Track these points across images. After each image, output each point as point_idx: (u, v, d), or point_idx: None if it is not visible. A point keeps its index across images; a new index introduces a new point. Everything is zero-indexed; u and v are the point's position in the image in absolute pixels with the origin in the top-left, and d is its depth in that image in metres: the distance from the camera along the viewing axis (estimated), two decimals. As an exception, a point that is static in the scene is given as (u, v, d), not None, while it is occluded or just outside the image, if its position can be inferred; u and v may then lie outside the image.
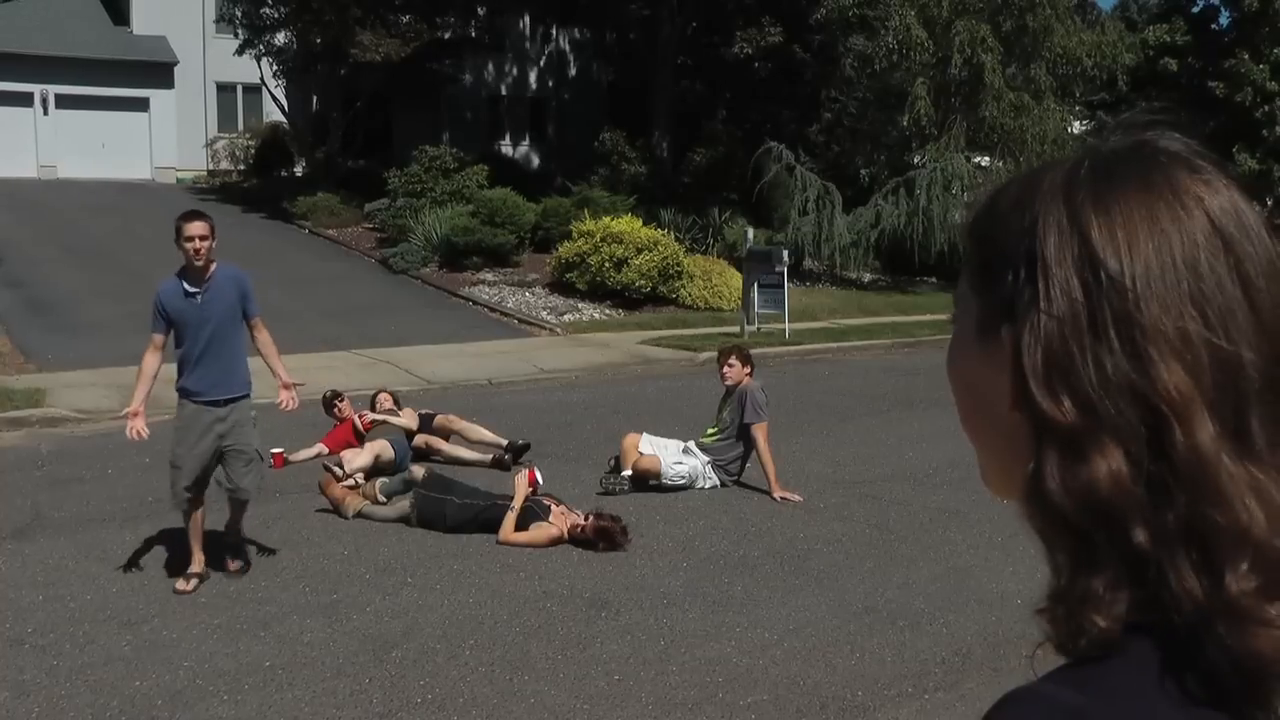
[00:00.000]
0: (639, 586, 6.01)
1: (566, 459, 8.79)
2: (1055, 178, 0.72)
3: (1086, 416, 0.66)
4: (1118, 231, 0.68)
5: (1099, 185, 0.70)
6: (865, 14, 23.44)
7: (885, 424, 10.34)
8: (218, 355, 5.93)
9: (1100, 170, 0.71)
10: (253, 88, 29.51)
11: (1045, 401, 0.68)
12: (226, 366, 5.96)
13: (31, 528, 6.93)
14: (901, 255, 21.63)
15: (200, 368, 5.92)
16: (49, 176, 28.23)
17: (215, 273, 5.93)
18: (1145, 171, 0.71)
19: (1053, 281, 0.68)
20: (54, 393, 11.04)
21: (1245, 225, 0.69)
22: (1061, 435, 0.67)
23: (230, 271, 6.07)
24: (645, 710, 4.54)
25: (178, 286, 5.91)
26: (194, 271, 5.89)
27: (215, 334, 5.91)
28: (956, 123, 22.62)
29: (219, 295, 5.92)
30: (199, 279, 5.89)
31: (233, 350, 6.01)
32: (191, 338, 5.89)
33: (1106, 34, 24.51)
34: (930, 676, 4.86)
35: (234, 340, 6.02)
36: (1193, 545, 0.65)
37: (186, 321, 5.87)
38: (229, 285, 5.98)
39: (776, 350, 15.40)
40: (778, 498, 7.67)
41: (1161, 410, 0.65)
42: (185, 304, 5.88)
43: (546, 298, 18.33)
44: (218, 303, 5.92)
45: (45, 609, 5.58)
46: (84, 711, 4.47)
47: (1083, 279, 0.68)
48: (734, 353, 8.23)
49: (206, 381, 5.92)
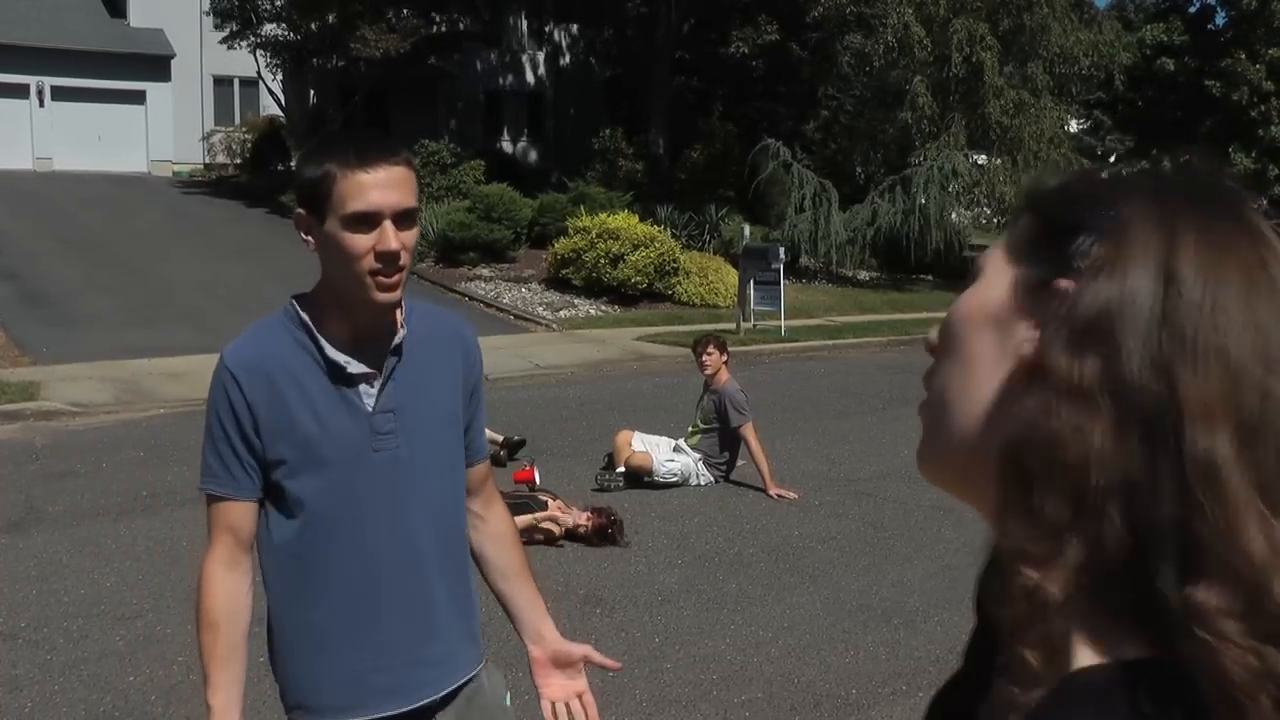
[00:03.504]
0: (634, 583, 6.02)
1: (562, 455, 8.79)
2: (1143, 180, 0.72)
3: (1106, 388, 0.66)
4: (1209, 253, 0.68)
5: (1195, 202, 0.70)
6: (862, 12, 23.45)
7: (880, 422, 10.34)
8: (408, 570, 2.07)
9: (1194, 190, 0.71)
10: (249, 81, 29.50)
11: (1069, 361, 0.67)
12: (425, 603, 2.09)
13: (25, 522, 6.92)
14: (898, 253, 21.65)
15: (345, 616, 2.04)
16: (44, 169, 28.18)
17: (410, 322, 2.07)
18: (1235, 206, 0.70)
19: (1136, 266, 0.68)
20: (49, 386, 11.02)
21: None
22: (1073, 396, 0.66)
23: (435, 319, 2.18)
24: (639, 707, 4.55)
25: (298, 355, 2.02)
26: (361, 309, 1.98)
27: (404, 498, 2.05)
28: (956, 121, 22.64)
29: (420, 382, 2.07)
30: (376, 331, 2.02)
31: (441, 549, 2.12)
32: (329, 512, 2.01)
33: (1104, 33, 24.55)
34: (924, 674, 4.86)
35: (444, 516, 2.13)
36: (1178, 546, 0.64)
37: (324, 459, 1.99)
38: (437, 356, 2.12)
39: (772, 347, 15.42)
40: (773, 495, 7.68)
41: (1183, 411, 0.65)
42: (328, 407, 2.00)
43: (543, 294, 18.33)
44: (416, 405, 2.06)
45: (39, 603, 5.57)
46: (77, 707, 4.47)
47: (1167, 277, 0.67)
48: (711, 341, 8.25)
49: (368, 660, 2.05)
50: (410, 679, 2.06)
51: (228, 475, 1.99)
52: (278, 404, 1.96)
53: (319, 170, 1.90)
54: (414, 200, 1.94)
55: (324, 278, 2.00)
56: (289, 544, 2.01)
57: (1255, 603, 0.63)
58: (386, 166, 1.89)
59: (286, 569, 2.03)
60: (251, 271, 17.81)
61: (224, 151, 30.71)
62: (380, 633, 2.03)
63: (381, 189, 1.87)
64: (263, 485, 2.00)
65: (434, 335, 2.11)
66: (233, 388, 1.98)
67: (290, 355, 2.00)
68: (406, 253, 1.91)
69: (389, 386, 2.01)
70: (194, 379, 11.54)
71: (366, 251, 1.88)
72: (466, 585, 2.18)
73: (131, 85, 29.80)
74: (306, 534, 2.00)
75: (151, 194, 25.72)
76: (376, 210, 1.87)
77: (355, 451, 1.98)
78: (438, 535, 2.09)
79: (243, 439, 1.97)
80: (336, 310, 2.00)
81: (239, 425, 1.97)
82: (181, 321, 14.47)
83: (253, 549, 2.05)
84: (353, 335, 2.00)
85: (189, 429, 9.44)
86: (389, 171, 1.89)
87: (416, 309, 2.11)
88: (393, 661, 2.04)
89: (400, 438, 2.02)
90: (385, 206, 1.88)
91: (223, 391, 1.99)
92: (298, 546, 2.00)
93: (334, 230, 1.89)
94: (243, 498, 2.01)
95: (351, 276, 1.91)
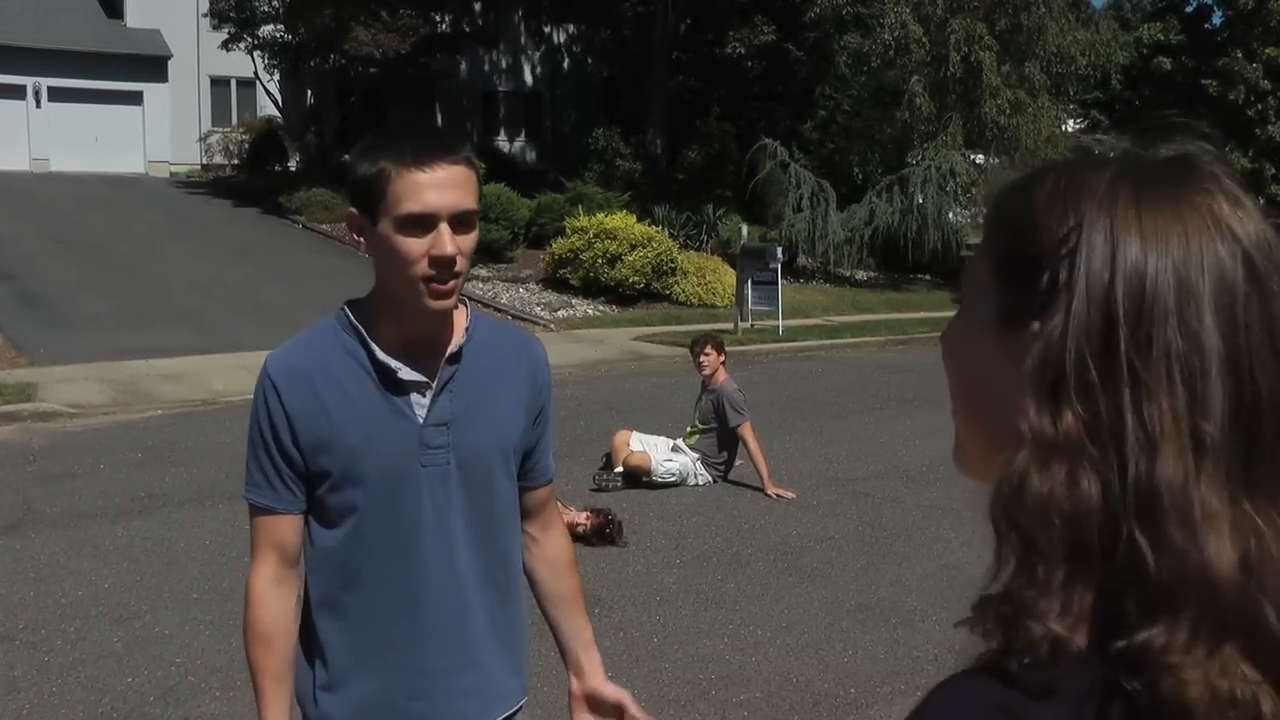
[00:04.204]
0: (632, 583, 6.01)
1: (560, 455, 8.68)
2: (1098, 185, 0.71)
3: (1079, 436, 0.66)
4: (1151, 260, 0.67)
5: (1142, 205, 0.69)
6: (859, 11, 23.48)
7: (878, 421, 10.35)
8: (450, 592, 1.94)
9: (1144, 186, 0.70)
10: (246, 82, 29.46)
11: (1039, 412, 0.67)
12: (467, 629, 1.97)
13: (23, 523, 6.91)
14: (895, 253, 21.67)
15: (383, 636, 1.93)
16: (41, 170, 28.14)
17: (474, 332, 1.94)
18: (1186, 194, 0.70)
19: (1080, 295, 0.67)
20: (46, 387, 11.00)
21: (1275, 261, 0.69)
22: (1054, 449, 0.66)
23: (503, 333, 2.08)
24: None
25: (345, 362, 1.90)
26: (413, 316, 1.86)
27: (450, 517, 1.93)
28: (953, 120, 22.66)
29: (478, 397, 1.94)
30: (431, 340, 1.91)
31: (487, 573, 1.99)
32: (371, 526, 1.90)
33: (1100, 33, 24.58)
34: (923, 674, 4.86)
35: (493, 539, 1.99)
36: (1143, 583, 0.64)
37: (368, 472, 1.87)
38: (500, 372, 1.99)
39: (770, 347, 15.43)
40: (771, 494, 7.68)
41: (1139, 442, 0.65)
42: (375, 416, 1.88)
43: (540, 294, 18.33)
44: (471, 421, 1.93)
45: (36, 605, 5.56)
46: (75, 708, 4.46)
47: (1111, 300, 0.67)
48: (708, 342, 8.27)
49: (402, 684, 1.94)
50: (447, 709, 1.95)
51: (269, 487, 1.90)
52: (320, 414, 1.85)
53: (373, 168, 1.78)
54: (473, 202, 1.81)
55: (376, 281, 1.89)
56: (331, 554, 1.92)
57: (1229, 621, 0.63)
58: (445, 165, 1.76)
59: (328, 580, 1.93)
60: (249, 272, 17.80)
61: (221, 152, 30.67)
62: (420, 657, 1.92)
63: (438, 189, 1.75)
64: (306, 497, 1.91)
65: (499, 349, 1.98)
66: (272, 396, 1.87)
67: (337, 361, 1.88)
68: (464, 258, 1.79)
69: (443, 397, 1.89)
70: (192, 380, 11.54)
71: (421, 256, 1.76)
72: (512, 613, 2.04)
73: (128, 86, 29.77)
74: (348, 547, 1.90)
75: (148, 195, 25.69)
76: (433, 212, 1.75)
77: (402, 464, 1.87)
78: (485, 558, 1.96)
79: (281, 452, 1.87)
80: (389, 316, 1.88)
81: (277, 437, 1.87)
82: (179, 322, 14.45)
83: (299, 562, 1.95)
84: (405, 342, 1.88)
85: (187, 430, 9.43)
86: (448, 171, 1.77)
87: (483, 320, 1.98)
88: (430, 689, 1.93)
89: (451, 453, 1.89)
90: (442, 208, 1.75)
91: (263, 400, 1.89)
92: (340, 558, 1.91)
93: (387, 232, 1.78)
94: (285, 510, 1.91)
95: (404, 281, 1.79)
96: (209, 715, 4.45)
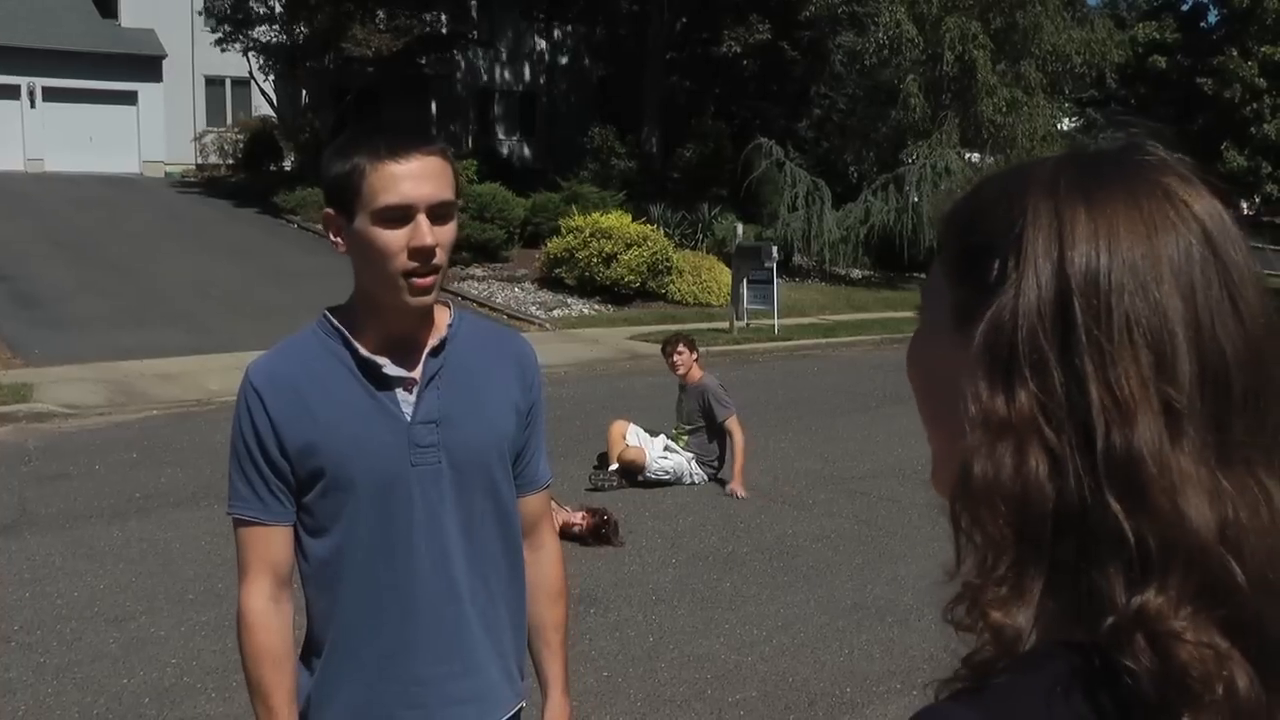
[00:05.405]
0: (628, 583, 6.01)
1: (555, 454, 8.71)
2: (1043, 173, 0.71)
3: (1032, 414, 0.66)
4: (1102, 229, 0.67)
5: (1087, 183, 0.70)
6: (854, 10, 23.48)
7: (874, 420, 10.35)
8: (443, 596, 1.88)
9: (1089, 169, 0.71)
10: (241, 81, 29.42)
11: (990, 393, 0.67)
12: (462, 634, 1.91)
13: (18, 524, 6.90)
14: (891, 251, 21.68)
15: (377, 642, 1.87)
16: (36, 170, 28.10)
17: (457, 329, 1.90)
18: (1134, 172, 0.70)
19: (1030, 273, 0.68)
20: (41, 388, 10.98)
21: (1229, 233, 0.69)
22: (1002, 429, 0.66)
23: (489, 332, 2.06)
24: (634, 707, 4.54)
25: (329, 364, 1.85)
26: (394, 315, 1.83)
27: (444, 518, 1.87)
28: (948, 119, 22.68)
29: (466, 395, 1.90)
30: (412, 338, 1.87)
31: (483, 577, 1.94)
32: (362, 530, 1.85)
33: (1096, 31, 24.61)
34: (919, 673, 4.86)
35: (489, 542, 1.95)
36: (1123, 552, 0.63)
37: (358, 474, 1.82)
38: (488, 370, 1.95)
39: (765, 346, 15.43)
40: (729, 489, 7.71)
41: (1107, 412, 0.64)
42: (363, 416, 1.84)
43: (536, 293, 18.33)
44: (461, 419, 1.88)
45: (32, 606, 5.55)
46: (70, 709, 4.45)
47: (1061, 273, 0.67)
48: (679, 341, 8.29)
49: (398, 692, 1.89)
50: (443, 718, 1.90)
51: (256, 499, 1.82)
52: (305, 416, 1.80)
53: (346, 164, 1.74)
54: (451, 193, 1.77)
55: (355, 283, 1.85)
56: (321, 562, 1.85)
57: (1208, 586, 0.63)
58: (420, 156, 1.73)
59: (318, 588, 1.87)
60: (244, 272, 17.78)
61: (216, 152, 30.62)
62: (414, 665, 1.86)
63: (415, 180, 1.72)
64: (295, 507, 1.84)
65: (486, 348, 1.95)
66: (255, 404, 1.81)
67: (320, 364, 1.84)
68: (443, 250, 1.76)
69: (429, 394, 1.84)
70: (187, 380, 11.53)
71: (400, 249, 1.72)
72: (508, 616, 1.98)
73: (123, 86, 29.73)
74: (338, 553, 1.84)
75: (143, 195, 25.65)
76: (410, 203, 1.72)
77: (392, 464, 1.81)
78: (481, 561, 1.91)
79: (267, 460, 1.81)
80: (370, 316, 1.84)
81: (263, 445, 1.81)
82: (174, 322, 14.44)
83: (293, 576, 1.89)
84: (387, 341, 1.83)
85: (182, 430, 9.42)
86: (423, 162, 1.73)
87: (468, 319, 1.95)
88: (425, 697, 1.88)
89: (442, 453, 1.84)
90: (419, 200, 1.72)
91: (245, 409, 1.82)
92: (330, 564, 1.85)
93: (364, 227, 1.74)
94: (275, 522, 1.83)
95: (383, 278, 1.75)
96: (204, 716, 4.45)
